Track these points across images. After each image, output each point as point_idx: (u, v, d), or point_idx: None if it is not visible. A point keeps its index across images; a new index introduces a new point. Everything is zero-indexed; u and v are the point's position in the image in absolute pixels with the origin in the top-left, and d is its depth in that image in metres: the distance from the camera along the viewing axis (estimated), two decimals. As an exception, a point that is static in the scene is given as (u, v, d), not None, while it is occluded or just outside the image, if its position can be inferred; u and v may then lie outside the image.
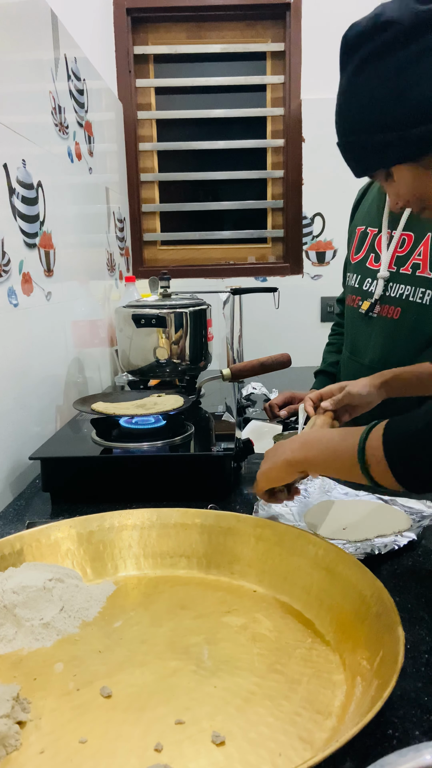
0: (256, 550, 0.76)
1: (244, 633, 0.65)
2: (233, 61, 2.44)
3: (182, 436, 1.09)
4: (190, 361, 1.51)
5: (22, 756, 0.49)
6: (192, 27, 2.40)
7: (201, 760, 0.48)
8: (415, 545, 0.83)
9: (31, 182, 1.24)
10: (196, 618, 0.68)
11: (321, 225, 2.44)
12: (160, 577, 0.77)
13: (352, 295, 1.28)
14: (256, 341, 2.17)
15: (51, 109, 1.41)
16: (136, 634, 0.65)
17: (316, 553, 0.71)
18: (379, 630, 0.58)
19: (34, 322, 1.25)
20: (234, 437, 1.09)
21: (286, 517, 0.91)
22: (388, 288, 1.18)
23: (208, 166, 2.50)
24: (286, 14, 2.34)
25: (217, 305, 1.81)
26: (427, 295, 1.12)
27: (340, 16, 2.21)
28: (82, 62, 1.71)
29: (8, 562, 0.73)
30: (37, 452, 1.04)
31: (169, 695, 0.56)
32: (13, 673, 0.60)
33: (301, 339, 2.26)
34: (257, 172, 2.51)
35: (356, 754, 0.48)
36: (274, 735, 0.51)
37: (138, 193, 2.50)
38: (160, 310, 1.45)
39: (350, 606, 0.64)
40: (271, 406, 1.45)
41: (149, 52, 2.41)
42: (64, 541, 0.78)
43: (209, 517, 0.81)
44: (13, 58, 1.18)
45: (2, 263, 1.09)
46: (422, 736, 0.51)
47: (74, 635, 0.66)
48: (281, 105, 2.45)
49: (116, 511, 0.82)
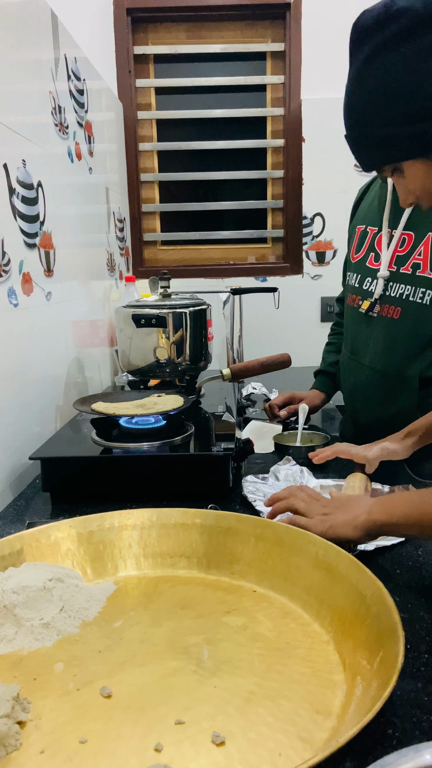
0: (256, 550, 0.76)
1: (244, 633, 0.65)
2: (233, 61, 2.44)
3: (182, 436, 1.09)
4: (190, 361, 1.51)
5: (22, 756, 0.49)
6: (192, 27, 2.40)
7: (201, 760, 0.48)
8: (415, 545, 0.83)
9: (31, 182, 1.24)
10: (196, 618, 0.68)
11: (321, 225, 2.44)
12: (160, 577, 0.77)
13: (352, 295, 1.28)
14: (256, 341, 2.17)
15: (51, 109, 1.41)
16: (136, 634, 0.65)
17: (316, 553, 0.71)
18: (379, 630, 0.58)
19: (34, 322, 1.25)
20: (234, 437, 1.09)
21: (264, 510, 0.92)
22: (388, 288, 1.18)
23: (208, 166, 2.50)
24: (286, 14, 2.34)
25: (217, 305, 1.81)
26: (427, 295, 1.12)
27: (340, 16, 2.21)
28: (82, 62, 1.71)
29: (8, 562, 0.73)
30: (37, 452, 1.04)
31: (169, 695, 0.56)
32: (13, 673, 0.60)
33: (301, 339, 2.26)
34: (257, 172, 2.51)
35: (356, 754, 0.48)
36: (274, 735, 0.51)
37: (138, 193, 2.50)
38: (160, 310, 1.45)
39: (350, 606, 0.64)
40: (271, 406, 1.45)
41: (149, 52, 2.41)
42: (64, 541, 0.78)
43: (209, 517, 0.81)
44: (13, 58, 1.18)
45: (2, 263, 1.09)
46: (422, 736, 0.51)
47: (74, 635, 0.66)
48: (281, 105, 2.45)
49: (116, 511, 0.82)
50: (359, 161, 0.74)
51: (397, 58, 0.63)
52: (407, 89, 0.63)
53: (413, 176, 0.71)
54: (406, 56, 0.62)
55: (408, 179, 0.72)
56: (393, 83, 0.64)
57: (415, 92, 0.63)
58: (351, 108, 0.70)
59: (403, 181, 0.73)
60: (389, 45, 0.63)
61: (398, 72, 0.63)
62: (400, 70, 0.63)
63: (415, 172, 0.70)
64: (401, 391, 1.18)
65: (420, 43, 0.61)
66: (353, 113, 0.70)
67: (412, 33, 0.61)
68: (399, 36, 0.62)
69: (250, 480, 1.05)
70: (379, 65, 0.65)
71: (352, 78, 0.69)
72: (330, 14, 2.26)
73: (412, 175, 0.71)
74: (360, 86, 0.68)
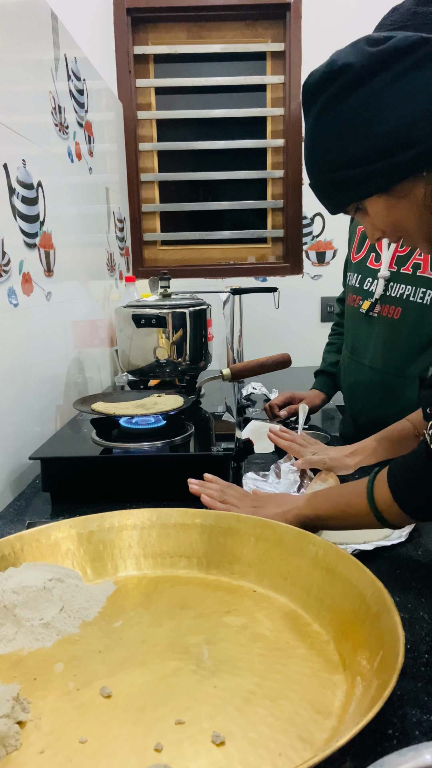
0: (256, 550, 0.76)
1: (244, 633, 0.65)
2: (233, 61, 2.44)
3: (182, 436, 1.09)
4: (190, 361, 1.51)
5: (22, 756, 0.49)
6: (192, 27, 2.40)
7: (201, 760, 0.48)
8: (415, 545, 0.83)
9: (31, 182, 1.24)
10: (196, 618, 0.68)
11: (321, 225, 2.44)
12: (160, 577, 0.77)
13: (353, 295, 1.28)
14: (256, 341, 2.17)
15: (51, 109, 1.41)
16: (136, 634, 0.65)
17: (316, 553, 0.71)
18: (379, 630, 0.57)
19: (34, 322, 1.25)
20: (234, 437, 1.09)
21: None
22: (388, 288, 1.19)
23: (208, 166, 2.50)
24: (286, 14, 2.34)
25: (217, 305, 1.81)
26: (427, 295, 1.12)
27: (340, 16, 2.22)
28: (82, 62, 1.71)
29: (8, 562, 0.73)
30: (37, 452, 1.04)
31: (169, 695, 0.56)
32: (13, 673, 0.60)
33: (301, 339, 2.26)
34: (257, 172, 2.51)
35: (356, 754, 0.48)
36: (274, 735, 0.51)
37: (138, 193, 2.50)
38: (160, 310, 1.45)
39: (350, 606, 0.64)
40: (271, 406, 1.45)
41: (149, 52, 2.41)
42: (64, 541, 0.78)
43: (209, 517, 0.81)
44: (13, 58, 1.18)
45: (2, 263, 1.09)
46: (422, 736, 0.51)
47: (74, 635, 0.66)
48: (281, 105, 2.45)
49: (116, 511, 0.82)
50: (325, 205, 0.79)
51: (346, 107, 0.69)
52: (358, 134, 0.69)
53: (376, 213, 0.75)
54: (353, 105, 0.69)
55: (372, 216, 0.76)
56: (345, 130, 0.70)
57: (365, 135, 0.69)
58: (310, 158, 0.76)
59: (368, 219, 0.78)
60: (339, 96, 0.69)
61: (351, 118, 0.69)
62: (349, 118, 0.69)
63: (377, 209, 0.75)
64: (401, 390, 1.18)
65: (363, 93, 0.68)
66: (313, 162, 0.76)
67: (355, 85, 0.68)
68: (346, 87, 0.69)
69: (251, 477, 1.05)
70: (330, 116, 0.71)
71: (308, 131, 0.75)
72: (330, 14, 2.26)
73: (375, 212, 0.75)
74: (316, 137, 0.74)
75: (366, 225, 0.79)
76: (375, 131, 0.68)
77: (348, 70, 0.68)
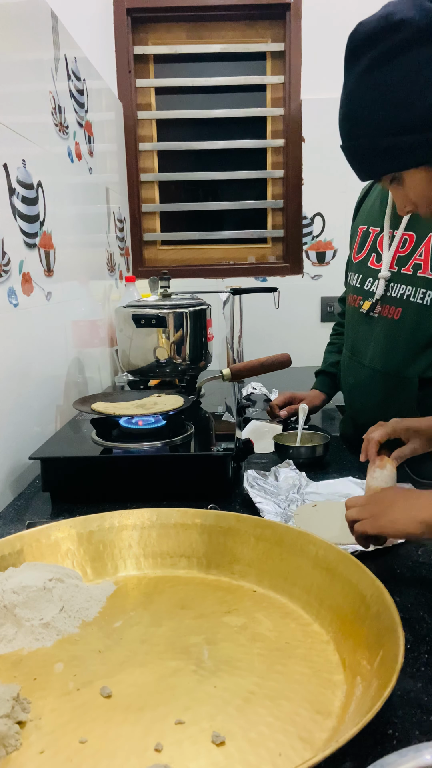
0: (256, 550, 0.76)
1: (244, 633, 0.65)
2: (233, 61, 2.44)
3: (182, 436, 1.09)
4: (190, 361, 1.51)
5: (22, 756, 0.49)
6: (192, 27, 2.40)
7: (201, 760, 0.48)
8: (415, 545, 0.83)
9: (31, 182, 1.24)
10: (196, 618, 0.68)
11: (321, 225, 2.44)
12: (160, 577, 0.77)
13: (353, 295, 1.28)
14: (256, 341, 2.17)
15: (51, 109, 1.41)
16: (136, 634, 0.65)
17: (316, 553, 0.71)
18: (379, 630, 0.58)
19: (34, 322, 1.25)
20: (234, 437, 1.09)
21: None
22: (389, 288, 1.18)
23: (208, 166, 2.50)
24: (286, 14, 2.34)
25: (217, 305, 1.81)
26: (427, 296, 1.12)
27: (340, 16, 2.22)
28: (82, 62, 1.71)
29: (8, 562, 0.73)
30: (37, 452, 1.04)
31: (169, 695, 0.56)
32: (13, 673, 0.60)
33: (301, 339, 2.26)
34: (257, 172, 2.51)
35: (356, 754, 0.48)
36: (274, 735, 0.51)
37: (138, 193, 2.50)
38: (160, 310, 1.45)
39: (350, 606, 0.64)
40: (271, 406, 1.45)
41: (149, 52, 2.41)
42: (64, 541, 0.78)
43: (209, 517, 0.81)
44: (13, 58, 1.18)
45: (2, 263, 1.09)
46: (422, 736, 0.51)
47: (74, 635, 0.66)
48: (281, 105, 2.45)
49: (116, 511, 0.82)
50: (357, 170, 0.73)
51: (398, 67, 0.63)
52: (409, 99, 0.63)
53: (414, 185, 0.71)
54: (407, 66, 0.62)
55: (407, 188, 0.72)
56: (394, 93, 0.64)
57: (418, 101, 0.63)
58: (350, 118, 0.70)
59: (402, 190, 0.73)
60: (390, 56, 0.63)
61: (402, 81, 0.63)
62: (401, 80, 0.63)
63: (416, 181, 0.70)
64: (401, 391, 1.18)
65: (421, 54, 0.62)
66: (352, 123, 0.70)
67: (413, 44, 0.62)
68: (399, 47, 0.62)
69: (251, 474, 1.05)
70: (379, 76, 0.64)
71: (350, 88, 0.68)
72: (330, 14, 2.26)
73: (413, 184, 0.71)
74: (359, 97, 0.67)
75: (398, 196, 0.73)
76: (428, 98, 0.62)
77: (405, 27, 0.61)
